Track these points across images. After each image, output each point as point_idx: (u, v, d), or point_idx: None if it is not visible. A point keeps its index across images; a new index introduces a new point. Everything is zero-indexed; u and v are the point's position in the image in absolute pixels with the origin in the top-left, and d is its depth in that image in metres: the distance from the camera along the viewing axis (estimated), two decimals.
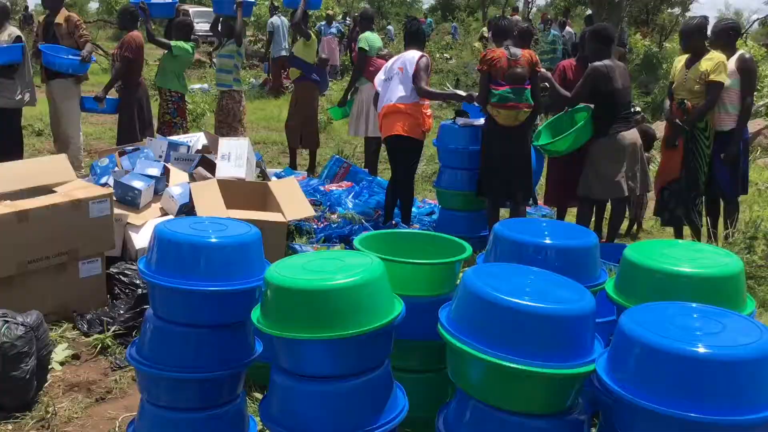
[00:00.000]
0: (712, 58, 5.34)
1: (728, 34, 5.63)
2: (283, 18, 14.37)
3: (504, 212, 6.22)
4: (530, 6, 35.99)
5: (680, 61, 5.67)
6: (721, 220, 5.76)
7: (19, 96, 6.64)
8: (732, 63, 5.44)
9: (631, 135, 5.42)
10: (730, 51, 5.53)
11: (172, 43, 7.48)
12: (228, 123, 7.96)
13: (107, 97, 7.27)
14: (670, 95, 5.74)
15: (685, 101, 5.44)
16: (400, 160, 5.96)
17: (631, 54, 16.38)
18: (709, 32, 5.66)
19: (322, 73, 8.48)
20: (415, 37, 6.11)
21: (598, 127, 5.43)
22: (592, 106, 5.51)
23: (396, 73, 5.84)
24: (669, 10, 25.73)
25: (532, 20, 20.92)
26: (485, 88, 5.40)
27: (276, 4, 16.69)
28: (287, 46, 13.87)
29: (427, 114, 5.87)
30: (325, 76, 8.75)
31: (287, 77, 12.78)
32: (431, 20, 28.56)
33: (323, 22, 18.11)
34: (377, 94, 6.10)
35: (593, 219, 5.94)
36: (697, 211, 5.58)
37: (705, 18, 5.68)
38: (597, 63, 5.38)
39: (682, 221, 5.59)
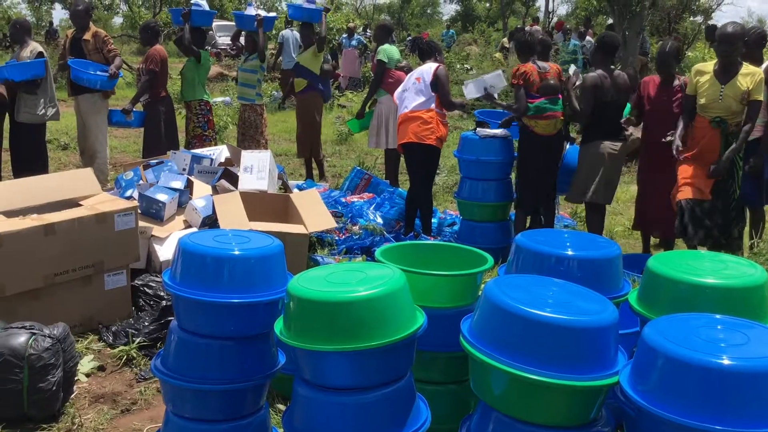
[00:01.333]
0: (752, 74, 4.88)
1: (761, 43, 5.61)
2: (294, 31, 14.44)
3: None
4: (551, 16, 35.92)
5: (702, 73, 5.05)
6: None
7: (42, 111, 6.73)
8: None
9: (613, 145, 5.47)
10: (759, 59, 5.49)
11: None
12: (250, 135, 8.03)
13: (134, 110, 7.36)
14: (689, 112, 5.15)
15: (727, 121, 4.95)
16: (415, 168, 5.99)
17: (653, 63, 16.29)
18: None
19: (326, 83, 8.56)
20: (426, 52, 6.20)
21: (584, 135, 5.61)
22: None
23: (413, 83, 5.93)
24: (691, 19, 25.55)
25: (551, 31, 20.89)
26: (524, 100, 5.52)
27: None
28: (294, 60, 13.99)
29: (444, 122, 5.90)
30: (329, 87, 8.85)
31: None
32: (453, 31, 28.53)
33: (345, 35, 18.17)
34: None
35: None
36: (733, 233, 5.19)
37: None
38: (589, 74, 5.52)
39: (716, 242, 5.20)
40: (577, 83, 5.74)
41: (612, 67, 5.68)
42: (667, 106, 5.46)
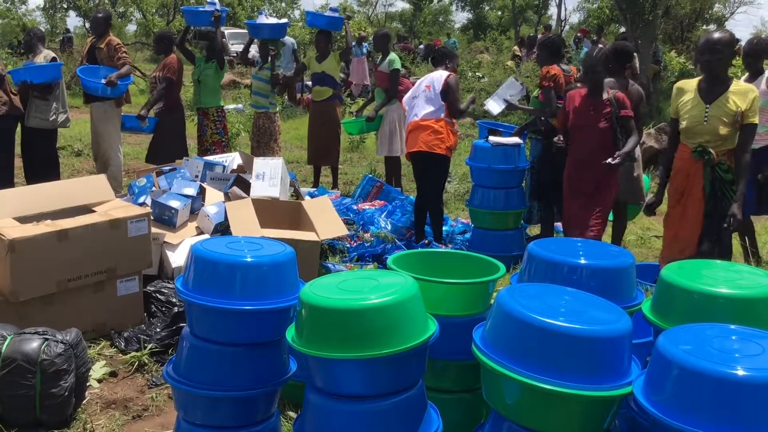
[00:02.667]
0: (745, 92, 4.10)
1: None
2: (288, 38, 14.46)
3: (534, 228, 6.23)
4: (563, 24, 35.91)
5: (684, 91, 4.29)
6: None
7: (53, 117, 6.79)
8: (762, 83, 5.36)
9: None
10: (762, 69, 5.48)
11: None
12: (264, 143, 8.06)
13: (148, 116, 7.41)
14: (673, 139, 4.43)
15: (710, 150, 4.16)
16: (425, 177, 5.98)
17: (665, 71, 16.24)
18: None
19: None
20: (438, 60, 6.23)
21: None
22: None
23: (423, 91, 5.93)
24: (704, 27, 25.51)
25: (564, 39, 20.91)
26: (554, 102, 5.60)
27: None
28: (292, 66, 14.00)
29: (453, 131, 5.91)
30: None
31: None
32: (455, 40, 28.56)
33: (354, 43, 18.22)
34: None
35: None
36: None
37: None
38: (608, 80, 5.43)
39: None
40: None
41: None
42: (592, 122, 4.93)
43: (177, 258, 4.76)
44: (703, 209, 4.22)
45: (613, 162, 4.71)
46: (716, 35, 4.13)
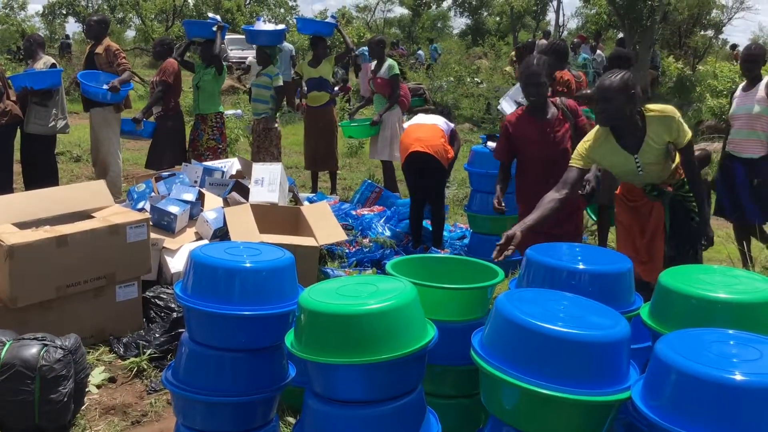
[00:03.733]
0: (665, 122, 3.62)
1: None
2: (286, 44, 14.47)
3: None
4: (561, 30, 35.98)
5: (600, 142, 3.72)
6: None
7: (52, 123, 6.80)
8: (761, 89, 5.37)
9: None
10: (760, 76, 5.50)
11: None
12: (264, 148, 8.07)
13: (145, 120, 7.41)
14: (572, 188, 3.75)
15: (664, 191, 3.84)
16: (423, 181, 5.97)
17: (663, 77, 16.29)
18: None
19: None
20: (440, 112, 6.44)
21: None
22: None
23: (432, 117, 6.07)
24: (702, 33, 25.59)
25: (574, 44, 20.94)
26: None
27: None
28: (290, 72, 14.00)
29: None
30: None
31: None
32: (437, 45, 28.54)
33: (365, 48, 18.23)
34: None
35: None
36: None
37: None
38: None
39: None
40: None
41: None
42: (557, 147, 4.43)
43: (176, 263, 4.76)
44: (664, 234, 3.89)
45: (586, 191, 4.38)
46: (606, 81, 3.58)
